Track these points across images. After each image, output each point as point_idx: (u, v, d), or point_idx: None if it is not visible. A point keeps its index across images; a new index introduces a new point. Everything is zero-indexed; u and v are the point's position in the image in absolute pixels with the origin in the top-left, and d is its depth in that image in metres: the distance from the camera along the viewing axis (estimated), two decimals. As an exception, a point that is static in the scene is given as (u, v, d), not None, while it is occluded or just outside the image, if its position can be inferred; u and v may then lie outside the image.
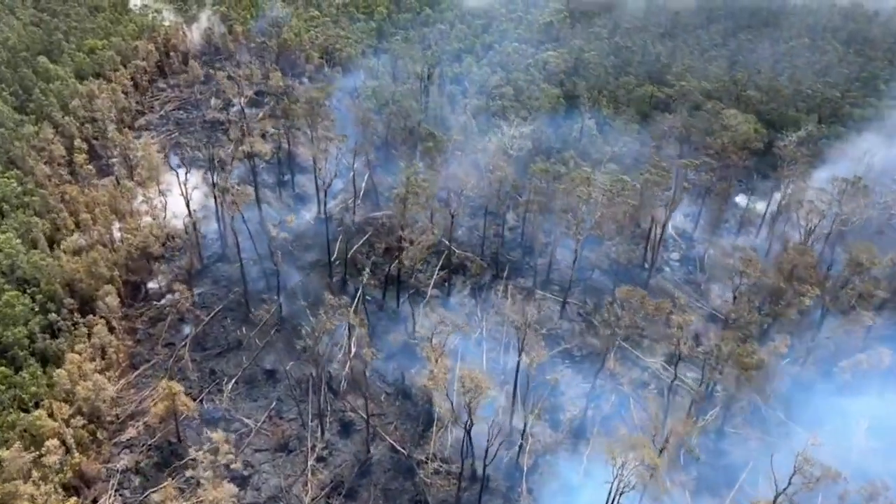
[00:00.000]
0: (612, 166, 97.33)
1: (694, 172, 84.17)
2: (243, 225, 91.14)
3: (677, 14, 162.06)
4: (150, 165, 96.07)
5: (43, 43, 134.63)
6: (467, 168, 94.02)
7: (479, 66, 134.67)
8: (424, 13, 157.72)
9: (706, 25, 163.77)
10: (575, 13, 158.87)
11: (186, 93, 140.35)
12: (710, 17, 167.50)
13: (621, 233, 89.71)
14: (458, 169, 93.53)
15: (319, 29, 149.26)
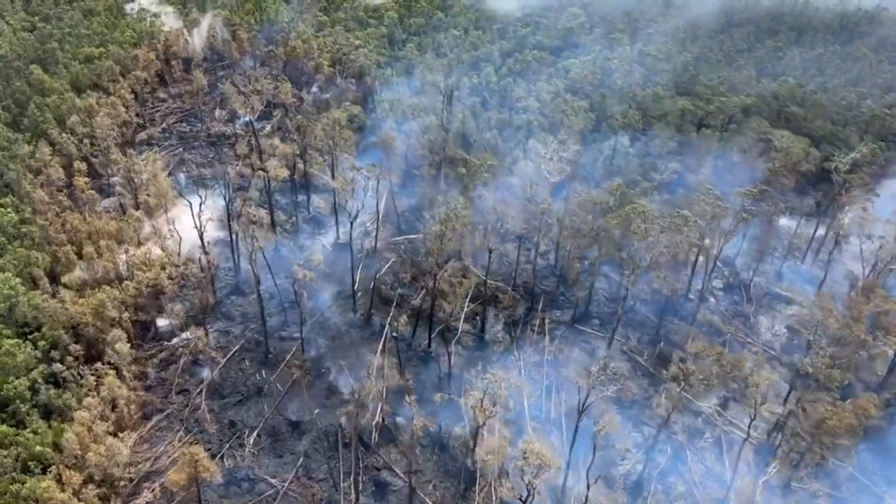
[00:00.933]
0: (658, 195, 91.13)
1: (752, 201, 78.08)
2: (260, 255, 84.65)
3: (698, 18, 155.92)
4: (158, 192, 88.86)
5: (35, 51, 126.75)
6: (502, 195, 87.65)
7: (498, 76, 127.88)
8: (436, 17, 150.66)
9: (727, 29, 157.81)
10: (593, 17, 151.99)
11: (189, 103, 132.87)
12: (730, 22, 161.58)
13: (667, 263, 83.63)
14: (492, 196, 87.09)
15: (328, 36, 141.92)
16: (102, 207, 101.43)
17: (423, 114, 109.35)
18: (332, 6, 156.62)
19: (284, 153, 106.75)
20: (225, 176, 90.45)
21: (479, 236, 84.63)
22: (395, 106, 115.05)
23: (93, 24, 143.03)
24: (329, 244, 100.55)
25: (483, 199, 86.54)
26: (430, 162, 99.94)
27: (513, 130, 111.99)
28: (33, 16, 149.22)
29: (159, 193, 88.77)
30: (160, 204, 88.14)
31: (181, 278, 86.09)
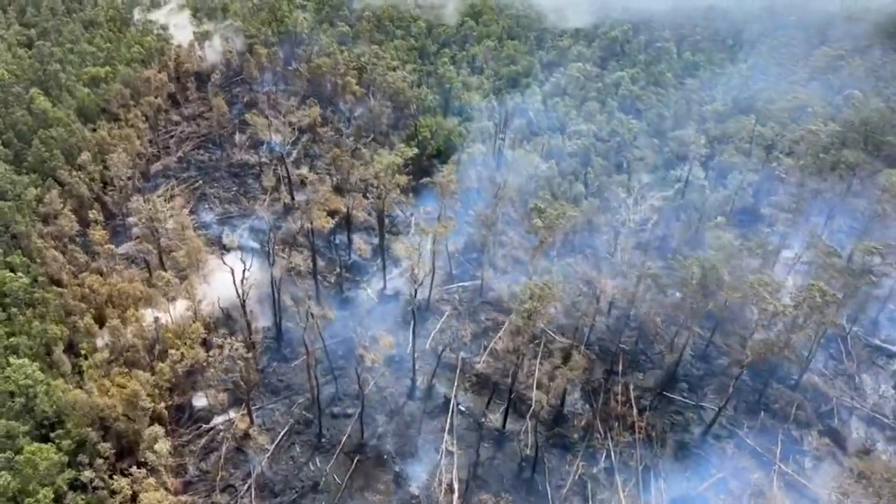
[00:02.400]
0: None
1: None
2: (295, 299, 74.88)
3: (745, 23, 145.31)
4: (189, 248, 78.28)
5: (35, 72, 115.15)
6: (581, 243, 77.73)
7: (543, 94, 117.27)
8: (466, 26, 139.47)
9: (771, 32, 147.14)
10: (636, 23, 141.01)
11: (205, 126, 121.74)
12: (776, 23, 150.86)
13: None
14: (570, 249, 77.09)
15: (353, 48, 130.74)
16: (121, 254, 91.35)
17: (474, 144, 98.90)
18: (352, 14, 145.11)
19: (323, 196, 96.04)
20: (270, 236, 79.20)
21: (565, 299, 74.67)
22: (438, 134, 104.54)
23: (95, 37, 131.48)
24: (375, 294, 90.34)
25: (561, 254, 76.52)
26: (489, 204, 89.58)
27: (572, 162, 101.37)
28: (29, 28, 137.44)
29: (191, 251, 78.09)
30: (192, 262, 77.50)
31: (219, 348, 75.79)
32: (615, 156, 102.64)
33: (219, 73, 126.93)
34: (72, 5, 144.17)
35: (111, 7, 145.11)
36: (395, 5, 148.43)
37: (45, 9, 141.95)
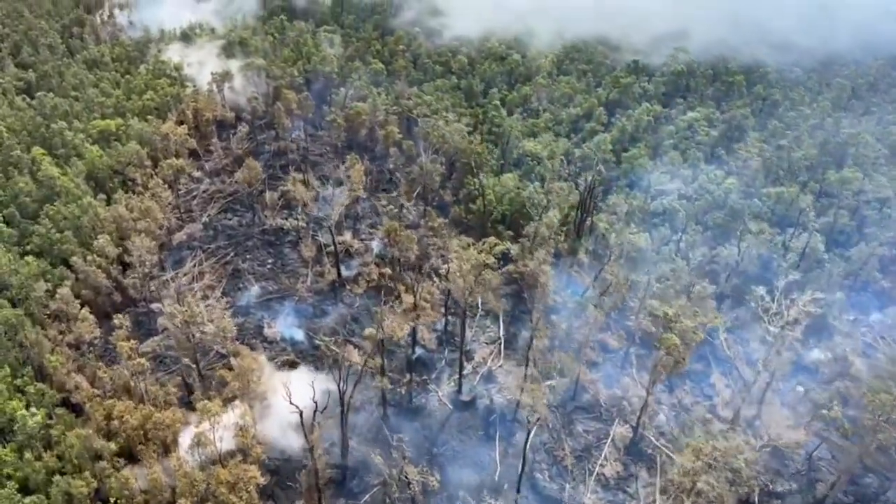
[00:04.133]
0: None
1: None
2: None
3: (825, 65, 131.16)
4: (239, 368, 64.64)
5: (37, 127, 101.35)
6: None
7: (612, 140, 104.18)
8: (511, 60, 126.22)
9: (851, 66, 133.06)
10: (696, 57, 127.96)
11: (231, 183, 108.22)
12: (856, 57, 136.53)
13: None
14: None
15: (391, 88, 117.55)
16: (144, 351, 77.85)
17: (550, 211, 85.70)
18: (385, 47, 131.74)
19: (371, 269, 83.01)
20: (342, 362, 65.46)
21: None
22: (501, 195, 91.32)
23: (101, 80, 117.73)
24: (447, 399, 77.03)
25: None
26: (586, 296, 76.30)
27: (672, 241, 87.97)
28: (26, 70, 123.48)
29: (240, 370, 64.39)
30: (242, 386, 63.88)
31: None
32: (707, 218, 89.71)
33: (244, 122, 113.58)
34: (73, 43, 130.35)
35: (116, 44, 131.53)
36: (428, 34, 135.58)
37: (42, 47, 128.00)
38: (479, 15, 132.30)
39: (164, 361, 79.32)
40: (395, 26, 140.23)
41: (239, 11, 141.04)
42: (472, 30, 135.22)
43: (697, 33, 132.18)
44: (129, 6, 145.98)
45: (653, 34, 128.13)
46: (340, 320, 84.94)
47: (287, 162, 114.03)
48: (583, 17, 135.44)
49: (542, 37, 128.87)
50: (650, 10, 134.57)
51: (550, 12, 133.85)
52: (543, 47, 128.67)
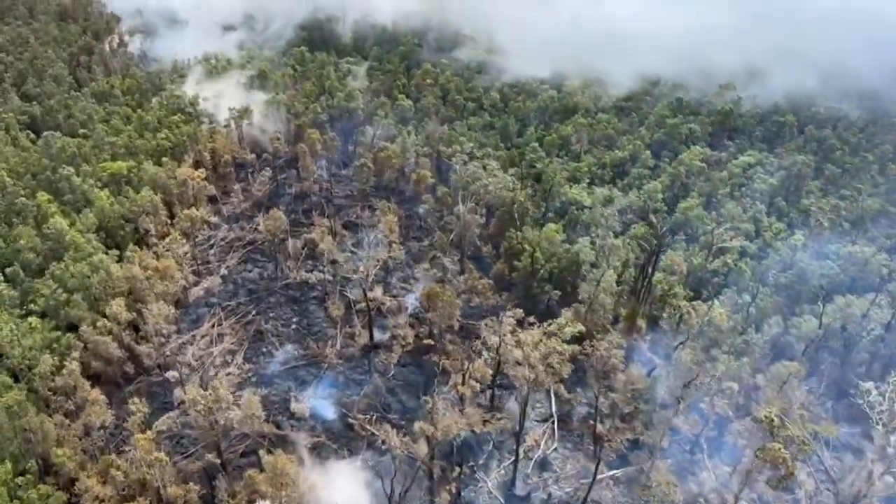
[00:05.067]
0: None
1: None
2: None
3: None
4: (273, 470, 56.55)
5: (42, 168, 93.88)
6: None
7: (662, 187, 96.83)
8: (546, 96, 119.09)
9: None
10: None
11: (249, 230, 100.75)
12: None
13: None
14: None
15: (421, 126, 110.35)
16: (159, 429, 69.88)
17: (600, 267, 78.01)
18: (411, 81, 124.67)
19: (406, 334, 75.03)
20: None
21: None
22: (546, 250, 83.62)
23: (111, 116, 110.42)
24: (499, 492, 68.72)
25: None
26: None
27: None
28: (31, 102, 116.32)
29: (273, 475, 56.29)
30: (275, 492, 55.77)
31: None
32: (774, 279, 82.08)
33: (264, 162, 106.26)
34: (80, 74, 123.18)
35: (126, 75, 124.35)
36: (457, 67, 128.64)
37: (48, 78, 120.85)
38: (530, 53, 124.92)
39: (182, 442, 71.32)
40: (422, 57, 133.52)
41: (265, 43, 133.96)
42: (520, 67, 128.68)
43: (738, 68, 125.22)
44: (141, 33, 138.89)
45: (695, 70, 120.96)
46: (375, 393, 76.91)
47: (310, 206, 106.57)
48: (610, 52, 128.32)
49: (585, 74, 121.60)
50: (685, 47, 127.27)
51: (586, 49, 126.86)
52: (579, 82, 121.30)
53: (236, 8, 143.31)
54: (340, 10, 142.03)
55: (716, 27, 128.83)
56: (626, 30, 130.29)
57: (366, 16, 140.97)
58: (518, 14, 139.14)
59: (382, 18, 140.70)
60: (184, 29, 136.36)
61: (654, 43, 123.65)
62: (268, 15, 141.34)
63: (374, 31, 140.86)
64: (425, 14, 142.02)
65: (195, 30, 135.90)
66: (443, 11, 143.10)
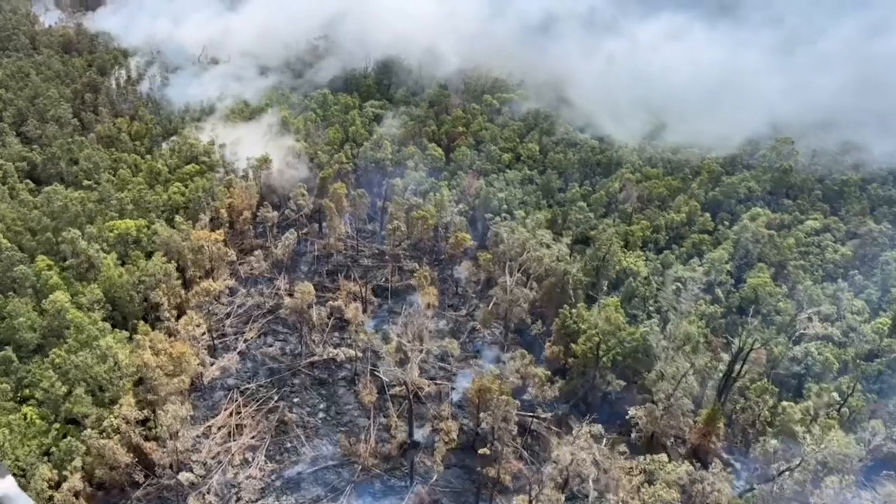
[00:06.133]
0: None
1: None
2: None
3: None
4: None
5: (43, 228, 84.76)
6: None
7: (733, 260, 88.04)
8: (587, 146, 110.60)
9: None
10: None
11: (269, 294, 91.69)
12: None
13: None
14: None
15: (454, 179, 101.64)
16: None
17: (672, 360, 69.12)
18: (441, 128, 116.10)
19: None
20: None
21: None
22: (605, 333, 74.52)
23: (119, 164, 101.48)
24: None
25: None
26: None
27: None
28: (30, 145, 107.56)
29: None
30: None
31: None
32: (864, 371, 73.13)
33: (285, 216, 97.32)
34: (86, 116, 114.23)
35: (135, 117, 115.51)
36: (488, 111, 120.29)
37: (49, 119, 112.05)
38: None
39: (197, 565, 61.71)
40: (450, 98, 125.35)
41: (292, 86, 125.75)
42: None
43: (789, 122, 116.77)
44: (153, 70, 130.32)
45: (748, 123, 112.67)
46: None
47: (335, 267, 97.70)
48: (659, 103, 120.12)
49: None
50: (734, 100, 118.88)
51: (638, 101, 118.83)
52: (623, 134, 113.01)
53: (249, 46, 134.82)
54: (364, 48, 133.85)
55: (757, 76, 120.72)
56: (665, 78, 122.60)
57: (391, 55, 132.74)
58: (551, 56, 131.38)
59: (408, 57, 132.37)
60: (196, 67, 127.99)
61: (700, 93, 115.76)
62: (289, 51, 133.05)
63: (400, 71, 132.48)
64: (453, 53, 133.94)
65: (207, 69, 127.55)
66: (472, 51, 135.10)
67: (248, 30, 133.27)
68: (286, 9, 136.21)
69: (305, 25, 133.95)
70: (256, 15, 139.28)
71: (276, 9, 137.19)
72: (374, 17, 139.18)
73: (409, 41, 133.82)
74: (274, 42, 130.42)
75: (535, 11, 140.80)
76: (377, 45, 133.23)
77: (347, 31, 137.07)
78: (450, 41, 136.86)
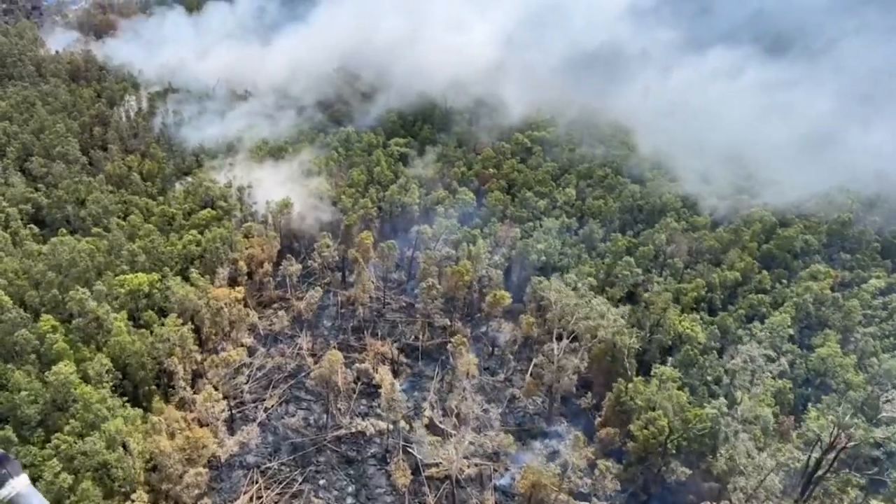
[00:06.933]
0: None
1: None
2: None
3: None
4: None
5: (48, 285, 77.81)
6: None
7: (791, 321, 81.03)
8: (626, 190, 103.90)
9: None
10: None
11: (291, 355, 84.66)
12: None
13: None
14: None
15: (485, 232, 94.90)
16: None
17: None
18: (471, 170, 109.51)
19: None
20: None
21: None
22: (665, 410, 67.30)
23: (130, 207, 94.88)
24: None
25: None
26: None
27: None
28: (35, 184, 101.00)
29: None
30: None
31: None
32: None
33: (306, 265, 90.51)
34: (94, 154, 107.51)
35: (146, 153, 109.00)
36: (517, 150, 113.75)
37: (56, 155, 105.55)
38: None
39: None
40: (479, 134, 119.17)
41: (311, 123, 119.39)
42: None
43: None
44: (158, 101, 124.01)
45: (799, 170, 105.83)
46: None
47: (360, 322, 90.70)
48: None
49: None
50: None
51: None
52: (668, 178, 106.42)
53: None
54: (385, 81, 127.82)
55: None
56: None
57: (413, 88, 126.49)
58: (584, 91, 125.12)
59: (432, 91, 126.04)
60: (214, 102, 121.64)
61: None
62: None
63: (423, 105, 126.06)
64: (476, 84, 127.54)
65: (225, 104, 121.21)
66: (498, 84, 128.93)
67: (270, 64, 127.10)
68: (308, 41, 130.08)
69: (327, 59, 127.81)
70: (278, 48, 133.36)
71: (298, 42, 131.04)
72: (394, 48, 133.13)
73: (433, 74, 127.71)
74: (296, 77, 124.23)
75: (564, 45, 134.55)
76: (399, 78, 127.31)
77: (368, 62, 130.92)
78: (474, 72, 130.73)
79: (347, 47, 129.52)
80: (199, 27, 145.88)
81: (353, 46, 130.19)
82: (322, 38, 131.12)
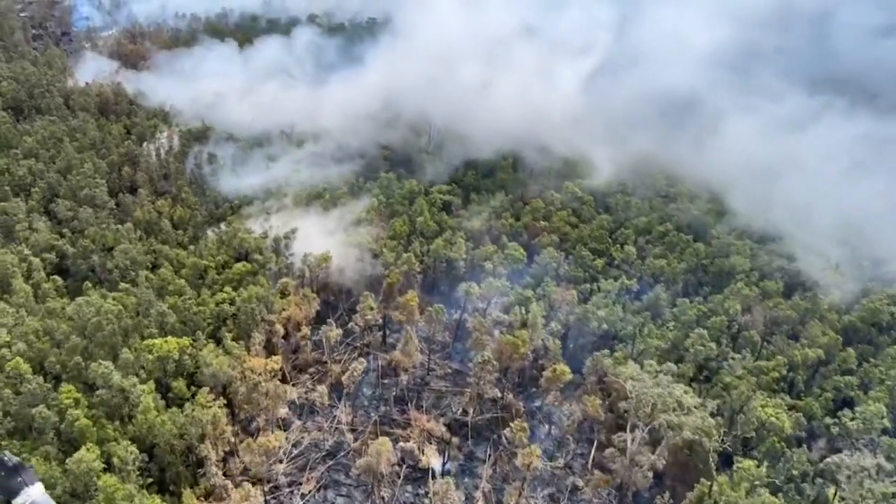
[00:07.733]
0: None
1: None
2: None
3: None
4: None
5: (71, 349, 71.45)
6: None
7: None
8: (690, 251, 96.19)
9: None
10: None
11: (329, 430, 77.50)
12: None
13: None
14: None
15: (543, 290, 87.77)
16: None
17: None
18: (519, 221, 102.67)
19: None
20: None
21: None
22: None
23: (159, 260, 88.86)
24: None
25: None
26: None
27: None
28: (61, 228, 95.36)
29: None
30: None
31: None
32: None
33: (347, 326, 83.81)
34: (123, 199, 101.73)
35: (177, 197, 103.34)
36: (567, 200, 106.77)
37: (83, 199, 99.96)
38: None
39: None
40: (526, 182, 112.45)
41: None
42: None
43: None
44: (190, 141, 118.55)
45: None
46: None
47: (402, 392, 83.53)
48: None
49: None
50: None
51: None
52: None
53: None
54: (426, 121, 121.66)
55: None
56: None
57: (454, 132, 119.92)
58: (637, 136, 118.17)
59: (474, 135, 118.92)
60: (253, 146, 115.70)
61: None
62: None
63: (464, 149, 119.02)
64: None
65: (263, 148, 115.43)
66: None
67: (320, 106, 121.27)
68: (365, 85, 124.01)
69: (383, 103, 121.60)
70: (332, 91, 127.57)
71: (352, 85, 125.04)
72: (435, 90, 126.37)
73: (477, 113, 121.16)
74: (349, 121, 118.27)
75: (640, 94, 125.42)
76: (437, 114, 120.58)
77: (405, 102, 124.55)
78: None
79: (407, 92, 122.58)
80: (245, 63, 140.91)
81: (414, 91, 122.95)
82: (381, 81, 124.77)
